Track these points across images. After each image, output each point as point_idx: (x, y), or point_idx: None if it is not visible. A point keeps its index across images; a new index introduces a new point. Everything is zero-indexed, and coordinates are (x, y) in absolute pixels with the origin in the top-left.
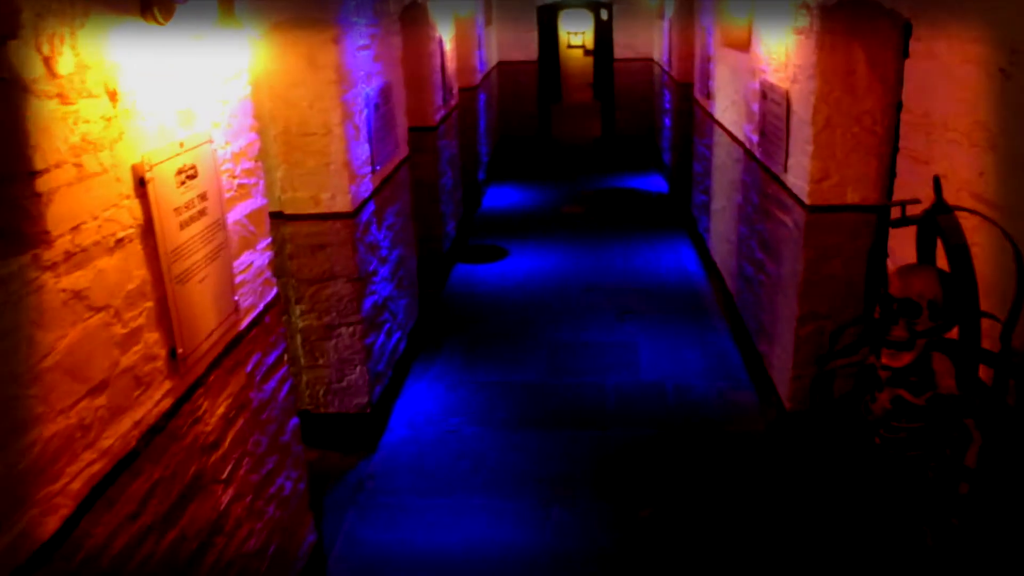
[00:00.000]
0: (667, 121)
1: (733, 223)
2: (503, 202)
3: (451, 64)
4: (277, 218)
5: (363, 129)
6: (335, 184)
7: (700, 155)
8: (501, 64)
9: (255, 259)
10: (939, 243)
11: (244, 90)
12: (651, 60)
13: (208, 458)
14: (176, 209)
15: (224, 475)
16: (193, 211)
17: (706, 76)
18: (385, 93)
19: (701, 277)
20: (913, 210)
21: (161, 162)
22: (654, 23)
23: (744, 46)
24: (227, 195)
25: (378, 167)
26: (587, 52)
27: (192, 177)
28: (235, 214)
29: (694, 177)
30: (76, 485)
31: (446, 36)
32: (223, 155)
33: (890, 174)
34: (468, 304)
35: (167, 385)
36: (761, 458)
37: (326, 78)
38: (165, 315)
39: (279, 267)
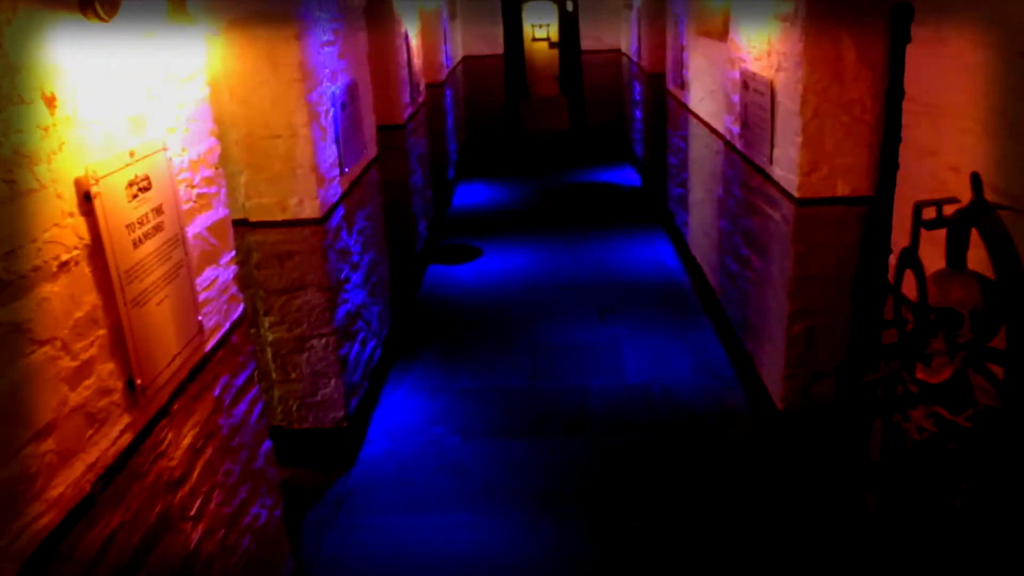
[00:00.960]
0: (638, 113)
1: (714, 217)
2: (474, 199)
3: (418, 60)
4: (242, 226)
5: (330, 130)
6: (302, 189)
7: (675, 147)
8: (467, 59)
9: (219, 274)
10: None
11: (202, 92)
12: (619, 52)
13: (175, 495)
14: (128, 225)
15: (193, 511)
16: (148, 227)
17: (679, 66)
18: (352, 91)
19: (681, 272)
20: (947, 209)
21: (109, 174)
22: (621, 14)
23: (720, 35)
24: (185, 207)
25: (347, 169)
26: (552, 45)
27: (145, 189)
28: (195, 227)
29: (669, 170)
30: (21, 544)
31: (412, 31)
32: (180, 163)
33: (888, 165)
34: (444, 307)
35: (125, 420)
36: (754, 461)
37: (289, 77)
38: (120, 343)
39: (246, 277)
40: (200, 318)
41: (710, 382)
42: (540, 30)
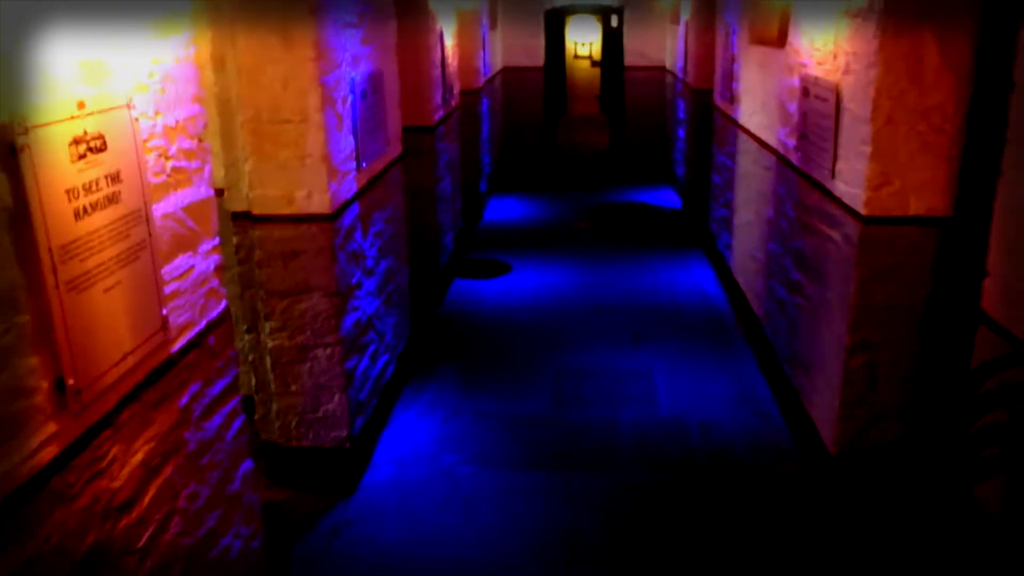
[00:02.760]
0: (681, 132)
1: (761, 239)
2: (506, 214)
3: (452, 62)
4: (244, 219)
5: (347, 119)
6: (312, 181)
7: (720, 166)
8: (506, 70)
9: (196, 264)
10: None
11: (185, 49)
12: (663, 69)
13: (116, 522)
14: (69, 191)
15: (141, 542)
16: (98, 195)
17: (729, 79)
18: (375, 81)
19: (721, 299)
20: None
21: (45, 125)
22: (667, 29)
23: (777, 42)
24: (155, 179)
25: (364, 164)
26: (594, 63)
27: (98, 150)
28: (167, 205)
29: (712, 190)
30: None
31: (447, 31)
32: (150, 127)
33: (972, 181)
34: (466, 324)
35: (51, 428)
36: (802, 511)
37: (303, 55)
38: (48, 333)
39: (247, 276)
40: (165, 312)
41: (751, 419)
42: (583, 47)
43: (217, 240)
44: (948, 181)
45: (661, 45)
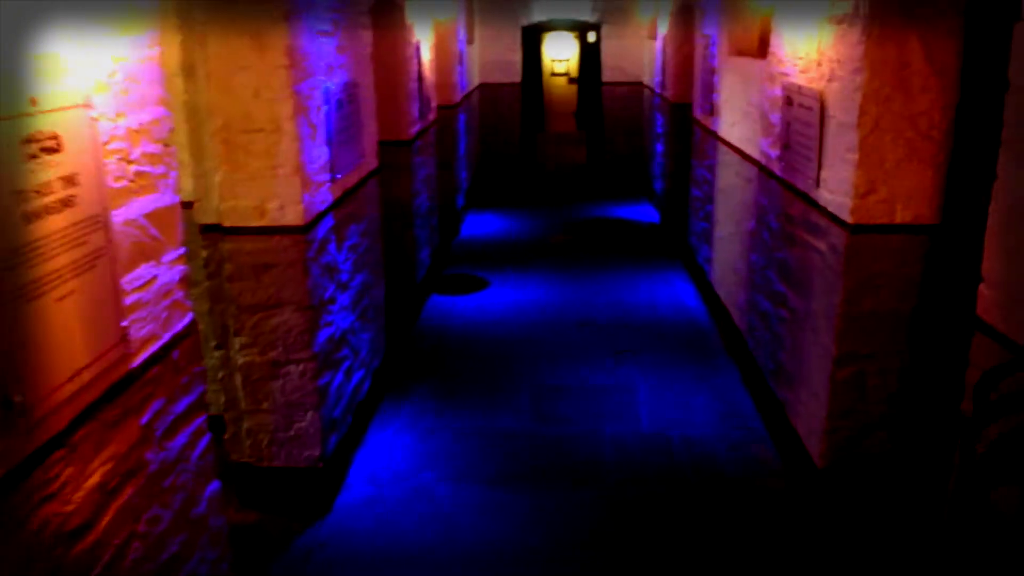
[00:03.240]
0: (659, 147)
1: (742, 252)
2: (484, 230)
3: (429, 75)
4: (214, 232)
5: (321, 128)
6: (284, 192)
7: (700, 179)
8: (483, 86)
9: (159, 274)
10: None
11: (149, 48)
12: (641, 84)
13: (68, 549)
14: (17, 193)
15: (97, 569)
16: (51, 198)
17: (709, 91)
18: (350, 91)
19: (702, 312)
20: None
21: None
22: (644, 44)
23: (758, 52)
24: (116, 184)
25: (339, 175)
26: (571, 80)
27: (52, 151)
28: (128, 211)
29: (692, 203)
30: None
31: (424, 44)
32: (111, 129)
33: (960, 187)
34: (444, 340)
35: None
36: (789, 525)
37: (275, 62)
38: None
39: (216, 291)
40: (125, 324)
41: (735, 433)
42: (560, 65)
43: (183, 250)
44: (935, 188)
45: (639, 60)
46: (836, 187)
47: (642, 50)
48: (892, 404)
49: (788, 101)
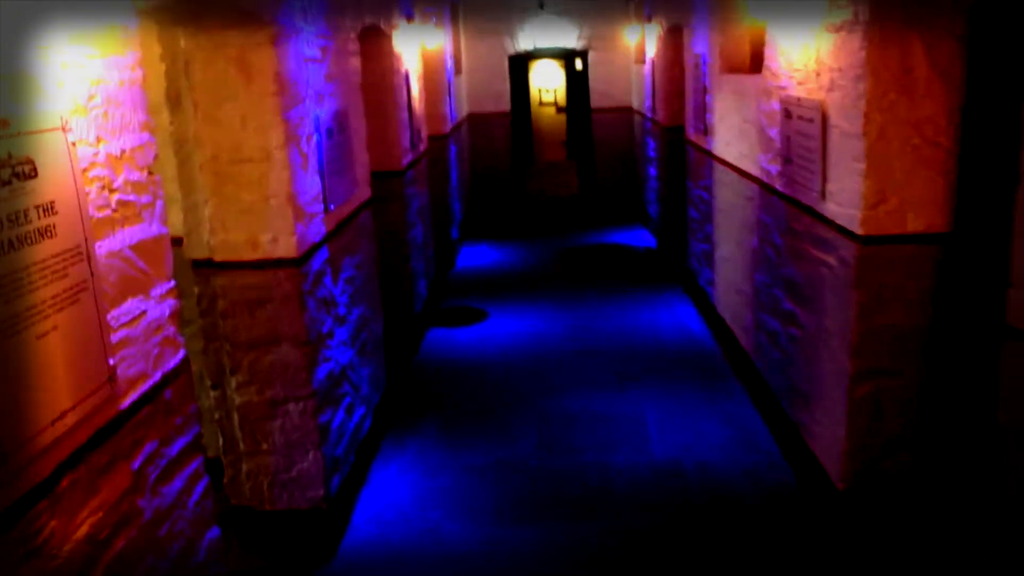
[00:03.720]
0: (652, 171)
1: (746, 271)
2: (479, 261)
3: (419, 106)
4: (206, 267)
5: (312, 158)
6: (277, 224)
7: (697, 200)
8: (472, 116)
9: (148, 309)
10: None
11: (132, 71)
12: (630, 109)
13: None
14: None
15: None
16: (27, 227)
17: (702, 111)
18: (341, 119)
19: (706, 336)
20: None
21: None
22: (632, 69)
23: (751, 68)
24: (99, 214)
25: (332, 206)
26: (559, 109)
27: (27, 177)
28: (112, 242)
29: (690, 225)
30: None
31: (413, 72)
32: (91, 155)
33: (972, 193)
34: (445, 373)
35: None
36: (812, 553)
37: (263, 89)
38: None
39: (210, 328)
40: (113, 362)
41: (749, 457)
42: (547, 94)
43: (172, 283)
44: (946, 195)
45: (627, 86)
46: (844, 199)
47: (630, 75)
48: (913, 420)
49: (787, 115)
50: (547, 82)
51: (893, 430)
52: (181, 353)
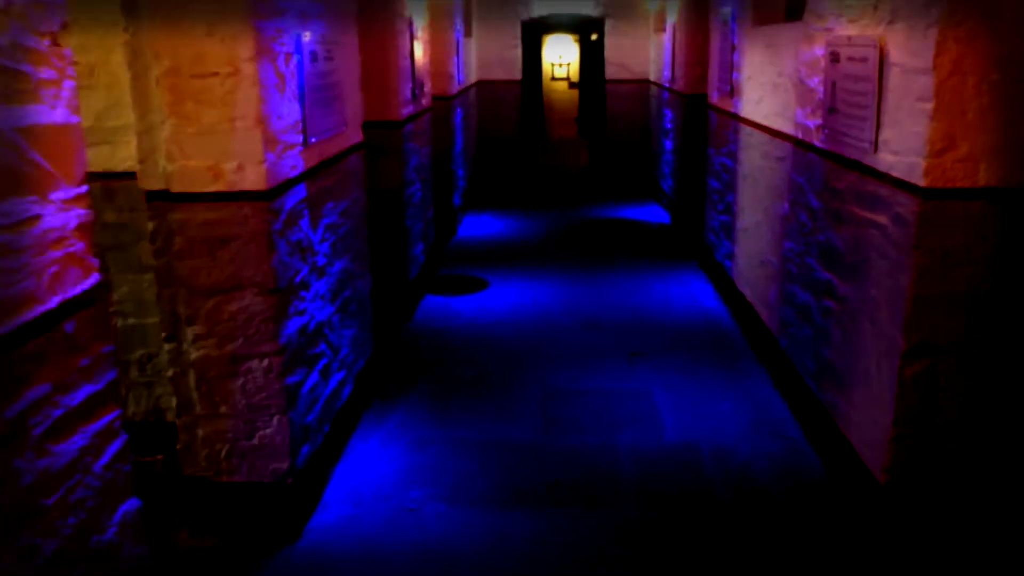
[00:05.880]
0: (667, 144)
1: (773, 241)
2: (483, 231)
3: (423, 59)
4: (162, 200)
5: (291, 81)
6: (244, 149)
7: (718, 168)
8: (481, 83)
9: (44, 214)
10: None
11: None
12: (647, 81)
13: None
14: None
15: None
16: None
17: (728, 71)
18: (328, 45)
19: (723, 313)
20: None
21: None
22: (651, 39)
23: (786, 17)
24: None
25: (314, 139)
26: (572, 85)
27: None
28: None
29: (709, 196)
30: None
31: (418, 20)
32: None
33: None
34: (439, 342)
35: None
36: (847, 553)
37: None
38: None
39: (165, 273)
40: None
41: (772, 444)
42: (560, 69)
43: (84, 189)
44: None
45: (644, 57)
46: (902, 146)
47: (648, 46)
48: (971, 405)
49: (833, 58)
50: (560, 57)
51: (947, 415)
52: (93, 278)
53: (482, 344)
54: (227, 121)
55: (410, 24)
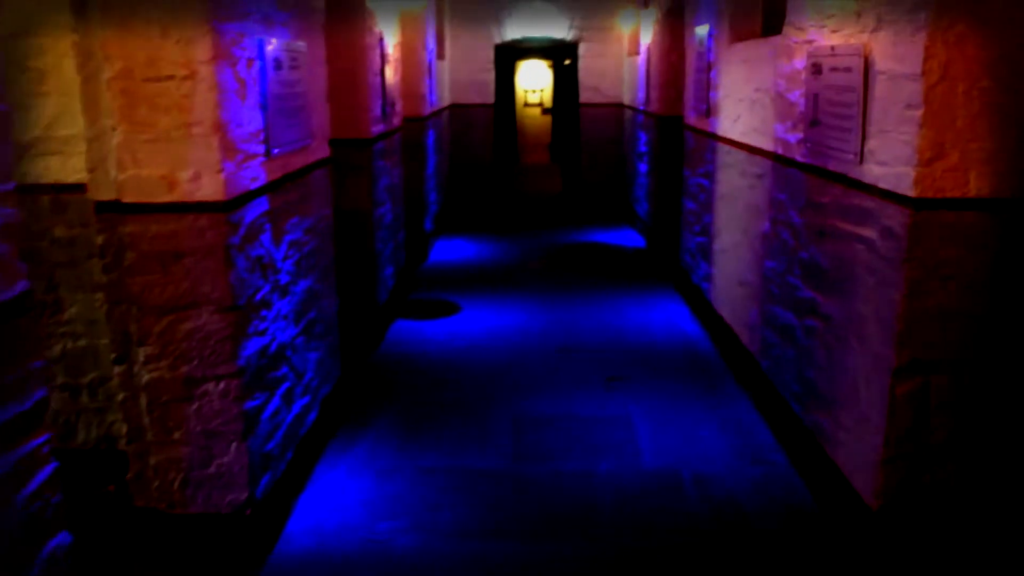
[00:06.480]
0: (642, 167)
1: (753, 260)
2: (454, 256)
3: (394, 78)
4: (112, 211)
5: (253, 88)
6: (200, 157)
7: (695, 189)
8: (455, 107)
9: None
10: None
11: None
12: (620, 105)
13: None
14: None
15: None
16: None
17: (704, 90)
18: (293, 54)
19: (701, 336)
20: None
21: None
22: (624, 63)
23: (763, 32)
24: None
25: (277, 151)
26: (545, 111)
27: None
28: None
29: (685, 218)
30: None
31: (389, 36)
32: None
33: None
34: (409, 367)
35: None
36: None
37: None
38: None
39: (115, 289)
40: None
41: (755, 469)
42: (533, 95)
43: (9, 186)
44: (1019, 152)
45: (618, 80)
46: (889, 156)
47: (622, 69)
48: (966, 425)
49: (815, 70)
50: (533, 83)
51: (940, 436)
52: (19, 286)
53: (453, 369)
54: (183, 127)
55: (381, 40)
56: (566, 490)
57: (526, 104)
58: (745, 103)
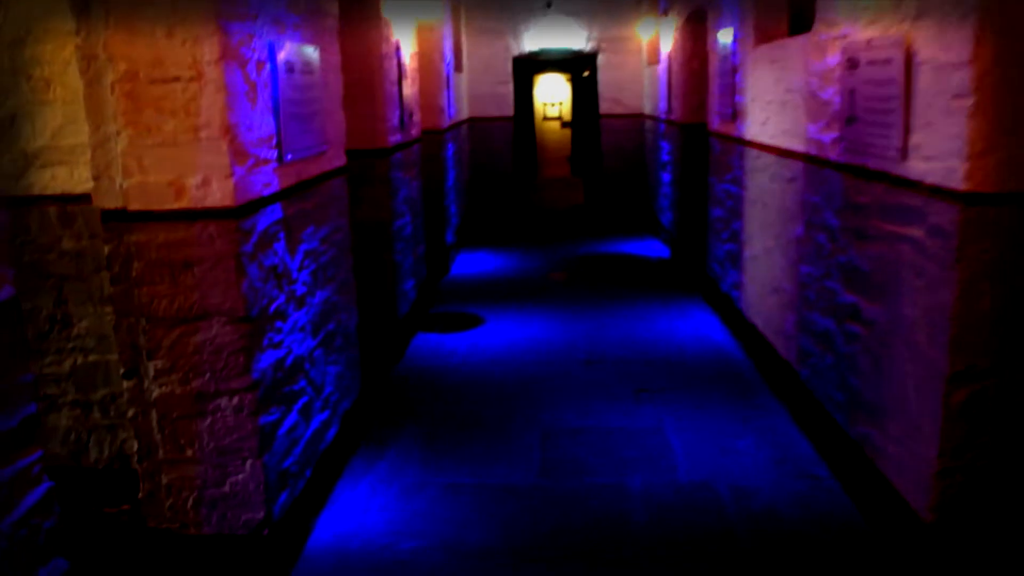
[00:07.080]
0: (665, 176)
1: (787, 266)
2: (477, 268)
3: (411, 88)
4: (119, 219)
5: (263, 90)
6: (209, 161)
7: (722, 196)
8: (473, 120)
9: None
10: None
11: None
12: (641, 115)
13: None
14: None
15: None
16: None
17: (729, 95)
18: (306, 58)
19: (733, 346)
20: None
21: None
22: (644, 72)
23: (791, 31)
24: None
25: (290, 157)
26: (564, 124)
27: None
28: None
29: (712, 225)
30: None
31: (406, 45)
32: None
33: None
34: (432, 381)
35: None
36: None
37: None
38: None
39: (123, 301)
40: None
41: (797, 483)
42: (552, 108)
43: None
44: None
45: (639, 90)
46: (936, 150)
47: (642, 79)
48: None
49: (851, 65)
50: (552, 96)
51: (998, 446)
52: (5, 291)
53: (477, 382)
54: (190, 131)
55: (397, 50)
56: (597, 506)
57: (545, 118)
58: (774, 105)
